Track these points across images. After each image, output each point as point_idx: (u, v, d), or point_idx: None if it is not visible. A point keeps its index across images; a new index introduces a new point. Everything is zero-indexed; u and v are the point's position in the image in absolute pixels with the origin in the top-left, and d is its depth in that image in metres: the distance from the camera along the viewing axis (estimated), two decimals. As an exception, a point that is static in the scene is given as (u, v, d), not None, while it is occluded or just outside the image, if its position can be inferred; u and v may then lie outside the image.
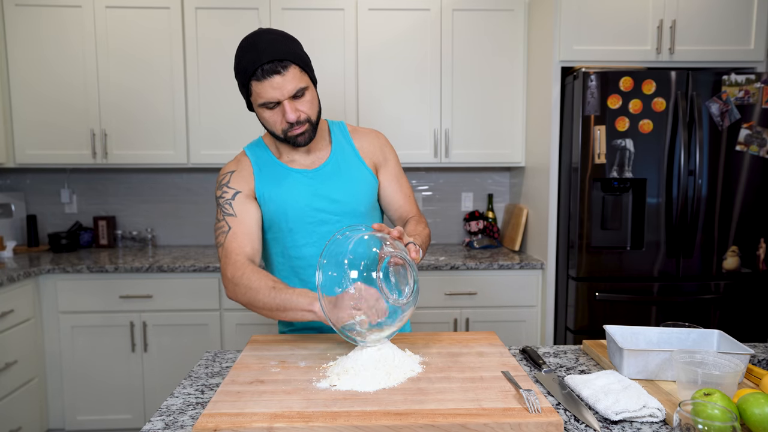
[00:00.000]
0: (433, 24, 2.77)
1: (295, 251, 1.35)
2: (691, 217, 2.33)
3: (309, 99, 1.24)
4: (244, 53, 1.20)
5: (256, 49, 1.18)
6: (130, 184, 3.14)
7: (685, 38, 2.45)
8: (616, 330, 1.19)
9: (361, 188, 1.37)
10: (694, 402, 0.80)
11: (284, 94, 1.20)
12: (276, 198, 1.32)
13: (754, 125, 2.33)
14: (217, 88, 2.77)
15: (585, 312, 2.39)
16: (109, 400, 2.59)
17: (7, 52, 2.69)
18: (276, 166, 1.35)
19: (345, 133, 1.42)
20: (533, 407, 0.90)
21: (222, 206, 1.31)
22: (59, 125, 2.74)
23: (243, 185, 1.32)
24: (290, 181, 1.33)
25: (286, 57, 1.18)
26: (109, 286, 2.53)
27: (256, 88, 1.20)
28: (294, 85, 1.20)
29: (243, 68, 1.20)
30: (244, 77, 1.21)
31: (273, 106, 1.22)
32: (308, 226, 1.33)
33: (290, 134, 1.26)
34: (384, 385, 0.99)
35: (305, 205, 1.32)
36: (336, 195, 1.33)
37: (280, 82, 1.18)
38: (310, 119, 1.26)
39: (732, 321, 2.41)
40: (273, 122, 1.25)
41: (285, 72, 1.18)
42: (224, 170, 1.37)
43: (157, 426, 0.92)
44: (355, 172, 1.37)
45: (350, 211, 1.35)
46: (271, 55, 1.17)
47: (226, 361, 1.23)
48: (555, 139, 2.52)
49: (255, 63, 1.17)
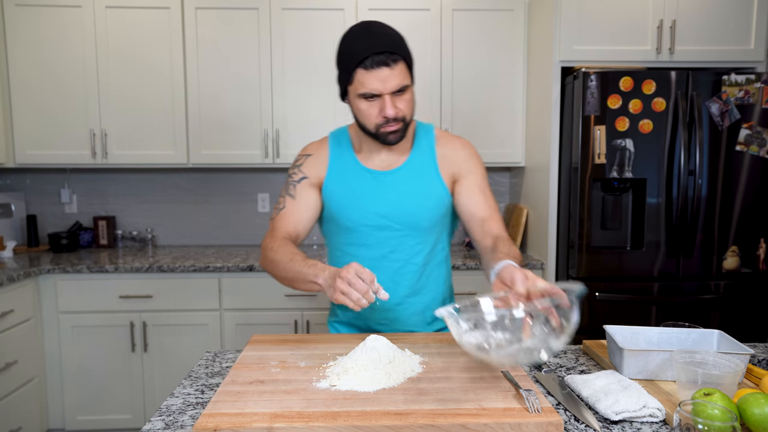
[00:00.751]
0: (433, 24, 2.77)
1: (351, 249, 1.35)
2: (691, 217, 2.33)
3: (408, 98, 1.22)
4: (355, 38, 1.17)
5: (370, 38, 1.15)
6: (130, 184, 3.14)
7: (685, 38, 2.45)
8: (616, 330, 1.19)
9: (428, 202, 1.32)
10: (694, 402, 0.80)
11: (387, 88, 1.17)
12: (341, 195, 1.32)
13: (754, 125, 2.33)
14: (217, 87, 2.77)
15: (585, 312, 2.39)
16: (109, 400, 2.59)
17: (7, 52, 2.69)
18: (350, 163, 1.34)
19: (430, 138, 1.37)
20: (533, 407, 0.90)
21: (288, 184, 1.36)
22: (59, 125, 2.74)
23: (312, 173, 1.34)
24: (359, 182, 1.32)
25: (397, 50, 1.16)
26: (109, 286, 2.53)
27: (361, 76, 1.17)
28: (399, 81, 1.18)
29: (352, 53, 1.17)
30: (350, 63, 1.17)
31: (373, 98, 1.19)
32: (367, 229, 1.32)
33: (383, 130, 1.23)
34: (384, 385, 0.99)
35: (369, 208, 1.31)
36: (402, 204, 1.31)
37: (387, 75, 1.16)
38: (405, 118, 1.23)
39: (732, 321, 2.41)
40: (368, 115, 1.22)
41: (394, 66, 1.16)
42: (305, 150, 1.39)
43: (157, 426, 0.92)
44: (426, 183, 1.32)
45: (412, 222, 1.31)
46: (384, 45, 1.15)
47: (226, 361, 1.23)
48: (555, 139, 2.52)
49: (366, 51, 1.14)
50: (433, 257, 1.38)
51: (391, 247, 1.33)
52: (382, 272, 1.33)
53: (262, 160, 2.81)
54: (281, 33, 2.74)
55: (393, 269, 1.34)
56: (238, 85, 2.77)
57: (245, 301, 2.57)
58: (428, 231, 1.35)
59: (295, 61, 2.77)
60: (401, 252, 1.34)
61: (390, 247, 1.33)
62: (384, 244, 1.33)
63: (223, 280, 2.56)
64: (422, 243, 1.35)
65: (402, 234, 1.32)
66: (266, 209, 3.17)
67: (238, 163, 2.82)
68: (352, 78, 1.19)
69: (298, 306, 2.58)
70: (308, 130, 2.80)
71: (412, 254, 1.34)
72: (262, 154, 2.80)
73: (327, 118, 2.80)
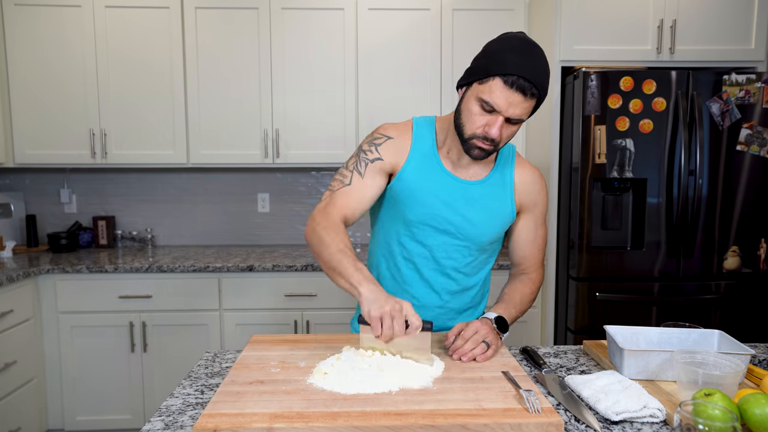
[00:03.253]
0: (433, 24, 2.76)
1: (405, 240, 1.33)
2: (692, 217, 2.33)
3: (514, 131, 1.19)
4: (514, 50, 1.12)
5: (527, 59, 1.11)
6: (130, 184, 3.13)
7: (685, 38, 2.45)
8: (617, 330, 1.19)
9: (497, 222, 1.31)
10: (694, 402, 0.80)
11: (507, 113, 1.13)
12: (414, 188, 1.28)
13: (754, 125, 2.33)
14: (217, 87, 2.76)
15: (585, 312, 2.39)
16: (108, 401, 2.58)
17: (6, 52, 2.68)
18: (431, 160, 1.29)
19: (512, 159, 1.34)
20: (533, 407, 0.89)
21: (360, 160, 1.28)
22: (58, 125, 2.74)
23: (389, 156, 1.28)
24: (436, 182, 1.28)
25: (539, 89, 1.13)
26: (108, 286, 2.53)
27: (495, 86, 1.12)
28: (521, 113, 1.14)
29: (501, 61, 1.12)
30: (494, 67, 1.12)
31: (489, 110, 1.14)
32: (428, 229, 1.30)
33: (473, 142, 1.18)
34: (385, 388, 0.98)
35: (437, 211, 1.28)
36: (471, 217, 1.29)
37: (516, 101, 1.12)
38: (498, 145, 1.19)
39: (732, 321, 2.41)
40: (473, 120, 1.17)
41: (528, 99, 1.12)
42: (385, 130, 1.32)
43: (156, 426, 0.91)
44: (500, 203, 1.31)
45: (475, 236, 1.30)
46: (534, 77, 1.11)
47: (226, 361, 1.23)
48: (555, 139, 2.52)
49: (517, 69, 1.10)
50: (481, 270, 1.39)
51: (445, 253, 1.32)
52: (429, 272, 1.34)
53: (262, 160, 2.81)
54: (281, 33, 2.74)
55: (441, 272, 1.34)
56: (238, 85, 2.77)
57: (245, 301, 2.56)
58: (485, 247, 1.35)
59: (295, 61, 2.76)
60: (454, 260, 1.33)
61: (445, 252, 1.32)
62: (440, 248, 1.31)
63: (223, 280, 2.56)
64: (477, 256, 1.35)
65: (461, 244, 1.31)
66: (266, 209, 3.17)
67: (238, 163, 2.82)
68: (487, 80, 1.13)
69: (298, 306, 2.58)
70: (308, 130, 2.80)
71: (464, 264, 1.34)
72: (262, 154, 2.80)
73: (327, 117, 2.80)
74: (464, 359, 1.13)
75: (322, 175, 3.17)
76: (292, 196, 3.17)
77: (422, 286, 1.35)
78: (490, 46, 1.17)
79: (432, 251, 1.32)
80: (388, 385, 0.98)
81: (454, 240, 1.30)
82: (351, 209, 1.26)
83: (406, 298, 1.35)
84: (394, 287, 1.37)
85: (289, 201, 3.18)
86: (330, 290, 2.56)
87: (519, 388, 0.96)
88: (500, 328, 1.22)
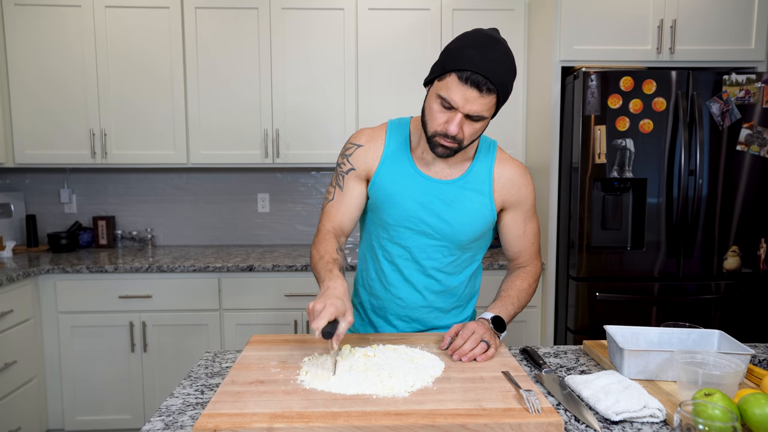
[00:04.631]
0: (433, 24, 2.76)
1: (386, 243, 1.35)
2: (692, 217, 2.33)
3: (478, 128, 1.17)
4: (469, 45, 1.12)
5: (482, 54, 1.10)
6: (130, 183, 3.13)
7: (685, 38, 2.45)
8: (617, 330, 1.19)
9: (476, 222, 1.30)
10: (694, 402, 0.80)
11: (465, 109, 1.12)
12: (389, 192, 1.29)
13: (754, 125, 2.33)
14: (217, 87, 2.76)
15: (585, 312, 2.39)
16: (108, 401, 2.58)
17: (6, 52, 2.68)
18: (405, 162, 1.30)
19: (491, 157, 1.32)
20: (533, 407, 0.89)
21: (337, 174, 1.35)
22: (58, 125, 2.74)
23: (361, 164, 1.31)
24: (409, 183, 1.28)
25: (497, 85, 1.11)
26: (108, 286, 2.53)
27: (451, 82, 1.12)
28: (479, 109, 1.12)
29: (456, 56, 1.12)
30: (450, 63, 1.12)
31: (448, 106, 1.14)
32: (407, 231, 1.31)
33: (436, 140, 1.18)
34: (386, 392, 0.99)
35: (413, 213, 1.29)
36: (448, 218, 1.28)
37: (472, 97, 1.11)
38: (462, 143, 1.18)
39: (732, 321, 2.41)
40: (434, 118, 1.17)
41: (485, 95, 1.11)
42: (356, 138, 1.34)
43: (156, 426, 0.91)
44: (477, 201, 1.29)
45: (453, 236, 1.30)
46: (489, 72, 1.09)
47: (226, 361, 1.23)
48: (555, 139, 2.52)
49: (471, 64, 1.09)
50: (465, 269, 1.39)
51: (425, 253, 1.32)
52: (411, 272, 1.35)
53: (262, 160, 2.81)
54: (281, 33, 2.74)
55: (423, 272, 1.34)
56: (238, 85, 2.77)
57: (245, 301, 2.56)
58: (466, 246, 1.34)
59: (295, 61, 2.76)
60: (434, 260, 1.33)
61: (424, 253, 1.32)
62: (419, 249, 1.32)
63: (223, 280, 2.56)
64: (458, 255, 1.35)
65: (440, 245, 1.31)
66: (266, 209, 3.17)
67: (238, 163, 2.82)
68: (444, 77, 1.14)
69: (298, 306, 2.58)
70: (308, 130, 2.80)
71: (444, 263, 1.34)
72: (262, 154, 2.80)
73: (327, 117, 2.80)
74: (464, 359, 1.12)
75: (322, 175, 3.17)
76: (292, 196, 3.17)
77: (405, 286, 1.36)
78: (450, 43, 1.17)
79: (411, 252, 1.33)
80: (388, 384, 0.98)
81: (432, 240, 1.31)
82: (339, 221, 1.33)
83: (390, 298, 1.38)
84: (380, 289, 1.39)
85: (289, 201, 3.18)
86: (330, 290, 2.56)
87: (519, 388, 0.96)
88: (497, 328, 1.22)
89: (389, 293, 1.37)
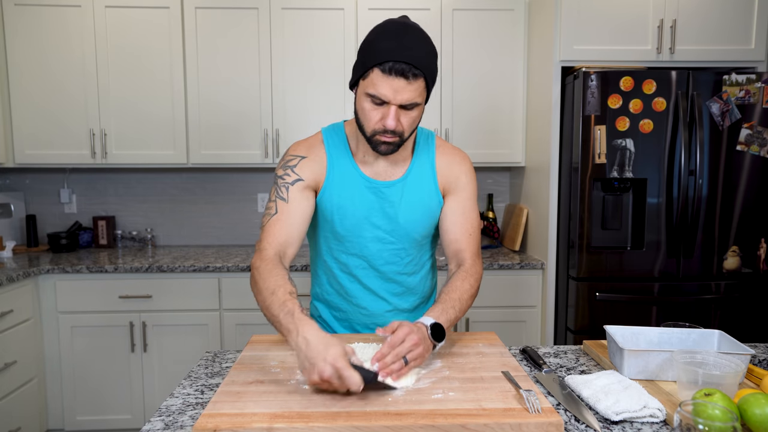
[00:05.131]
0: (433, 24, 2.76)
1: (341, 256, 1.32)
2: (692, 217, 2.33)
3: (414, 116, 1.16)
4: (384, 37, 1.11)
5: (399, 42, 1.09)
6: (130, 184, 3.13)
7: (685, 38, 2.45)
8: (617, 330, 1.19)
9: (426, 214, 1.30)
10: (694, 402, 0.80)
11: (397, 100, 1.11)
12: (338, 201, 1.27)
13: (754, 125, 2.33)
14: (217, 87, 2.76)
15: (585, 312, 2.39)
16: (108, 401, 2.58)
17: (6, 52, 2.68)
18: (349, 169, 1.27)
19: (431, 148, 1.32)
20: (533, 407, 0.89)
21: (279, 187, 1.26)
22: (59, 125, 2.74)
23: (308, 175, 1.26)
24: (356, 189, 1.26)
25: (422, 68, 1.10)
26: (108, 286, 2.53)
27: (375, 77, 1.11)
28: (411, 97, 1.11)
29: (374, 51, 1.10)
30: (370, 58, 1.11)
31: (379, 102, 1.13)
32: (361, 240, 1.29)
33: (377, 138, 1.17)
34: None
35: (364, 219, 1.27)
36: (399, 217, 1.28)
37: (400, 87, 1.10)
38: (403, 134, 1.17)
39: (732, 321, 2.41)
40: (368, 117, 1.16)
41: (413, 81, 1.10)
42: (295, 150, 1.29)
43: (156, 426, 0.91)
44: (425, 195, 1.29)
45: (407, 234, 1.29)
46: (410, 57, 1.08)
47: (226, 361, 1.23)
48: (555, 139, 2.52)
49: (390, 54, 1.08)
50: (423, 265, 1.38)
51: (383, 259, 1.31)
52: (371, 280, 1.33)
53: (262, 160, 2.81)
54: (281, 33, 2.74)
55: (383, 278, 1.34)
56: (238, 85, 2.77)
57: (245, 301, 2.56)
58: (421, 242, 1.34)
59: (295, 61, 2.76)
60: (394, 264, 1.32)
61: (383, 259, 1.31)
62: (377, 256, 1.31)
63: (222, 280, 2.56)
64: (414, 254, 1.34)
65: (397, 247, 1.31)
66: (266, 209, 3.17)
67: (238, 163, 2.82)
68: (367, 74, 1.12)
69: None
70: (308, 130, 2.79)
71: (403, 265, 1.33)
72: (262, 154, 2.80)
73: (327, 117, 2.79)
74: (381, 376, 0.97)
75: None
76: (292, 196, 3.17)
77: (367, 295, 1.34)
78: (365, 39, 1.16)
79: (369, 261, 1.31)
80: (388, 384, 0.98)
81: (388, 245, 1.30)
82: (284, 237, 1.21)
83: (353, 309, 1.36)
84: (341, 301, 1.37)
85: (289, 201, 3.17)
86: (330, 290, 2.57)
87: (519, 388, 0.96)
88: (435, 336, 1.09)
89: (351, 304, 1.36)
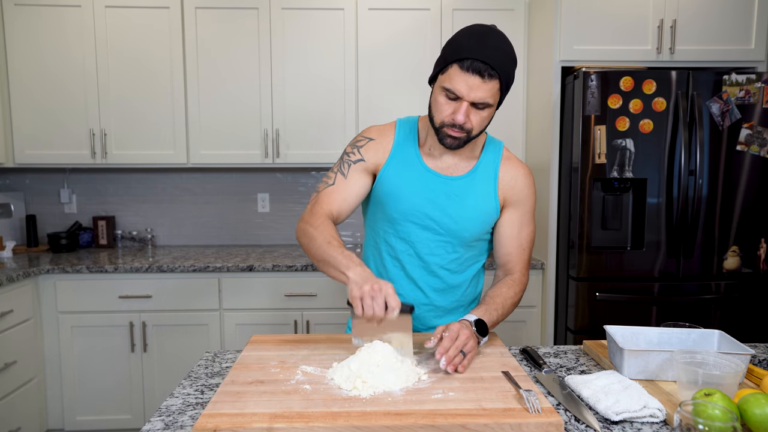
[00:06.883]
0: (433, 24, 2.76)
1: (390, 239, 1.35)
2: (692, 217, 2.33)
3: (485, 116, 1.20)
4: (470, 36, 1.16)
5: (482, 43, 1.14)
6: (130, 184, 3.13)
7: (685, 38, 2.45)
8: (617, 330, 1.19)
9: (481, 218, 1.32)
10: (694, 402, 0.80)
11: (470, 97, 1.16)
12: (396, 186, 1.30)
13: (754, 125, 2.33)
14: (217, 87, 2.76)
15: (585, 312, 2.39)
16: (108, 401, 2.58)
17: (6, 52, 2.68)
18: (413, 157, 1.32)
19: (497, 156, 1.35)
20: (533, 407, 0.89)
21: (343, 162, 1.33)
22: (58, 125, 2.74)
23: (371, 157, 1.32)
24: (417, 178, 1.30)
25: (498, 70, 1.14)
26: (108, 286, 2.53)
27: (453, 72, 1.16)
28: (484, 96, 1.16)
29: (457, 47, 1.16)
30: (451, 54, 1.16)
31: (453, 97, 1.18)
32: (412, 226, 1.31)
33: (444, 131, 1.21)
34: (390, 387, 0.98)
35: (419, 208, 1.30)
36: (453, 213, 1.30)
37: (476, 84, 1.14)
38: (471, 132, 1.21)
39: (732, 321, 2.40)
40: (441, 109, 1.20)
41: (488, 81, 1.14)
42: (368, 132, 1.37)
43: (156, 426, 0.91)
44: (483, 200, 1.31)
45: (458, 232, 1.31)
46: (489, 58, 1.13)
47: (226, 361, 1.23)
48: (555, 139, 2.52)
49: (471, 52, 1.13)
50: (469, 267, 1.39)
51: (428, 249, 1.33)
52: (414, 270, 1.35)
53: (262, 160, 2.81)
54: (281, 33, 2.74)
55: (426, 269, 1.34)
56: (238, 85, 2.77)
57: (245, 301, 2.56)
58: (470, 243, 1.35)
59: (295, 61, 2.76)
60: (438, 256, 1.33)
61: (428, 249, 1.33)
62: (424, 244, 1.32)
63: (223, 280, 2.56)
64: (461, 252, 1.35)
65: (444, 240, 1.32)
66: (266, 209, 3.17)
67: (238, 163, 2.82)
68: (446, 69, 1.17)
69: (298, 306, 2.58)
70: (308, 130, 2.80)
71: (448, 260, 1.34)
72: (262, 154, 2.80)
73: (327, 117, 2.80)
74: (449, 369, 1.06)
75: (322, 175, 3.17)
76: (292, 196, 3.17)
77: (407, 283, 1.36)
78: (452, 37, 1.21)
79: (415, 248, 1.33)
80: (388, 384, 0.98)
81: (437, 236, 1.31)
82: (337, 207, 1.29)
83: None
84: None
85: (289, 201, 3.18)
86: (330, 290, 2.57)
87: (519, 388, 0.96)
88: (480, 332, 1.18)
89: None
